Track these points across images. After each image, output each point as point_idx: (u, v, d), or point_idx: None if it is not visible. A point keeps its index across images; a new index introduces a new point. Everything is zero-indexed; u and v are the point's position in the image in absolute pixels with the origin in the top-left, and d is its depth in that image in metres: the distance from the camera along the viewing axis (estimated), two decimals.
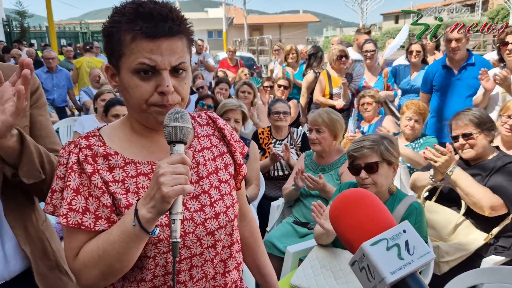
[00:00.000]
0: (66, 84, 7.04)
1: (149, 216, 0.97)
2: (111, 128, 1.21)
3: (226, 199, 1.22)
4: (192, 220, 1.14)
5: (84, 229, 1.06)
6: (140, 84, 1.07)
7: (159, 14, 1.04)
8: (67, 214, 1.06)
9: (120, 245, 1.02)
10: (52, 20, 13.54)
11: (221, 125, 1.32)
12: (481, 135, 2.61)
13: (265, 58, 22.97)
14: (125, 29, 1.05)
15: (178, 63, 1.08)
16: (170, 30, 1.04)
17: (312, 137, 3.12)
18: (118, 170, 1.12)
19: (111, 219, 1.08)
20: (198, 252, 1.16)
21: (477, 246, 2.48)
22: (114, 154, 1.13)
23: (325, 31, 51.88)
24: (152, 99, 1.08)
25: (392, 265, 0.67)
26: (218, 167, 1.25)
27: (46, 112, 1.52)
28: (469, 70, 4.08)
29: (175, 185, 0.95)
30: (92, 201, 1.08)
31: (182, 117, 1.02)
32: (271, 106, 4.06)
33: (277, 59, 8.02)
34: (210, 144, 1.27)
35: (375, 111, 4.43)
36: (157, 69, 1.06)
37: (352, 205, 0.76)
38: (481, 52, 15.11)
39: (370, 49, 5.26)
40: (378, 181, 2.22)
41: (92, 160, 1.10)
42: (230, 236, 1.24)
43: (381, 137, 2.28)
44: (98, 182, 1.08)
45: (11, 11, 31.29)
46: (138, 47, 1.04)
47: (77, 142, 1.13)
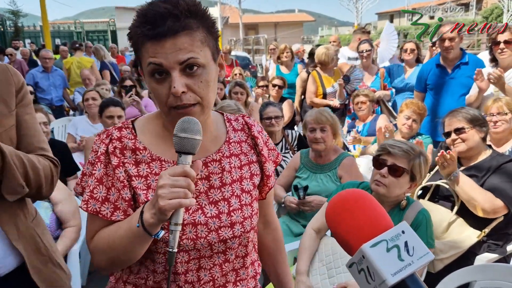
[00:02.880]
0: (62, 83, 7.02)
1: (151, 221, 0.97)
2: (145, 120, 1.21)
3: (245, 209, 1.19)
4: (206, 226, 1.13)
5: (101, 217, 1.10)
6: (157, 87, 1.06)
7: (160, 14, 1.01)
8: (88, 201, 1.10)
9: (126, 240, 1.04)
10: (46, 20, 13.43)
11: (255, 133, 1.28)
12: (472, 130, 2.64)
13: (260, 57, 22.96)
14: (135, 34, 1.05)
15: (186, 59, 1.02)
16: (170, 29, 1.00)
17: (317, 137, 3.07)
18: (143, 166, 1.13)
19: (128, 212, 1.11)
20: (208, 255, 1.15)
21: (470, 243, 2.50)
22: (142, 149, 1.13)
23: (320, 30, 51.98)
24: (169, 102, 1.06)
25: (392, 266, 0.66)
26: (243, 176, 1.22)
27: (32, 110, 1.51)
28: (463, 69, 4.11)
29: (172, 198, 0.93)
30: (114, 192, 1.11)
31: (191, 128, 0.98)
32: (262, 111, 3.93)
33: (273, 58, 8.03)
34: (240, 151, 1.24)
35: (369, 110, 4.46)
36: (166, 68, 1.03)
37: (350, 206, 0.75)
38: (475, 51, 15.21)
39: (366, 48, 5.29)
40: (392, 186, 2.17)
41: (119, 152, 1.12)
42: (245, 247, 1.23)
43: (420, 152, 2.22)
44: (121, 175, 1.10)
45: (4, 10, 31.11)
46: (146, 50, 1.03)
47: (110, 132, 1.15)
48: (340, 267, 2.22)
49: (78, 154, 4.24)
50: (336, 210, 0.77)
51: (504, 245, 2.55)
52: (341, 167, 3.05)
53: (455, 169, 2.52)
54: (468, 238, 2.51)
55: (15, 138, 1.42)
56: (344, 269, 2.19)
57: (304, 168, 3.20)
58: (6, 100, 1.37)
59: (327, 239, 2.36)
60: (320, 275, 2.27)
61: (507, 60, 3.67)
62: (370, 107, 4.45)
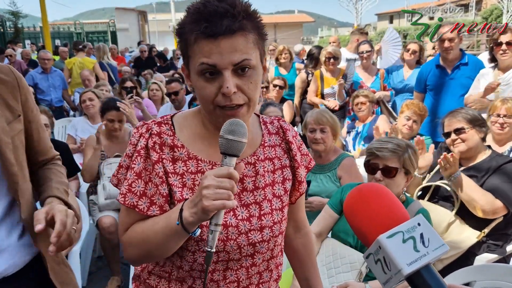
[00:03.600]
0: (61, 84, 7.02)
1: (190, 220, 0.98)
2: (183, 117, 1.21)
3: (275, 214, 1.20)
4: (237, 228, 1.13)
5: (137, 211, 1.12)
6: (205, 86, 1.06)
7: (218, 13, 1.01)
8: (126, 194, 1.12)
9: (162, 236, 1.06)
10: (46, 21, 13.45)
11: (290, 137, 1.28)
12: (472, 130, 2.65)
13: None
14: (189, 30, 1.04)
15: (241, 60, 1.03)
16: (228, 28, 1.00)
17: (317, 137, 3.08)
18: (180, 163, 1.13)
19: (164, 208, 1.12)
20: (236, 257, 1.16)
21: (470, 244, 2.50)
22: (180, 147, 1.14)
23: (320, 31, 52.04)
24: (217, 100, 1.06)
25: (408, 257, 0.69)
26: (275, 180, 1.23)
27: (38, 111, 1.53)
28: (462, 70, 4.13)
29: (216, 199, 0.94)
30: (151, 187, 1.11)
31: (239, 131, 0.98)
32: (262, 112, 3.89)
33: (272, 59, 8.04)
34: (274, 155, 1.25)
35: (369, 111, 4.46)
36: (218, 69, 1.03)
37: (368, 198, 0.78)
38: (475, 51, 15.24)
39: (366, 49, 5.31)
40: (390, 187, 2.15)
41: (159, 148, 1.13)
42: (271, 251, 1.24)
43: (406, 145, 2.23)
44: (160, 171, 1.11)
45: (4, 11, 31.12)
46: (200, 48, 1.03)
47: (150, 127, 1.15)
48: (339, 267, 2.22)
49: (78, 155, 4.24)
50: (355, 203, 0.79)
51: (503, 246, 2.56)
52: (341, 167, 3.05)
53: (457, 170, 2.53)
54: (468, 238, 2.51)
55: (24, 142, 1.44)
56: (344, 269, 2.20)
57: None
58: (11, 105, 1.38)
59: (328, 241, 2.36)
60: (320, 275, 2.27)
61: (508, 61, 3.69)
62: (370, 107, 4.46)
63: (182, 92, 5.31)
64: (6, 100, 1.37)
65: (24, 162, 1.42)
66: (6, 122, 1.35)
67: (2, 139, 1.31)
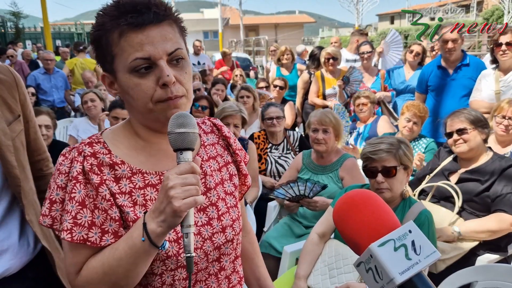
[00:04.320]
0: (63, 85, 7.03)
1: (159, 230, 0.91)
2: (113, 133, 1.12)
3: (232, 211, 1.17)
4: (200, 235, 1.08)
5: (89, 245, 1.00)
6: (140, 82, 0.99)
7: (141, 3, 0.98)
8: (72, 229, 0.98)
9: (127, 261, 0.96)
10: (47, 21, 13.47)
11: (226, 133, 1.26)
12: (475, 131, 2.65)
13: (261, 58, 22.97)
14: (111, 28, 0.98)
15: (174, 49, 1.00)
16: (156, 15, 0.98)
17: (319, 138, 3.08)
18: (125, 181, 1.04)
19: (119, 233, 1.01)
20: (204, 266, 1.11)
21: (472, 245, 2.51)
22: (120, 164, 1.05)
23: (321, 32, 52.01)
24: (156, 95, 1.00)
25: (400, 265, 0.68)
26: (223, 178, 1.19)
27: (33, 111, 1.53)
28: (464, 70, 4.12)
29: (186, 197, 0.88)
30: (98, 214, 1.00)
31: (188, 122, 0.94)
32: (263, 112, 3.96)
33: (273, 59, 8.04)
34: (216, 153, 1.21)
35: (370, 112, 4.47)
36: (153, 60, 0.98)
37: (357, 206, 0.76)
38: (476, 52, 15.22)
39: (366, 50, 5.31)
40: (394, 186, 2.18)
41: (98, 169, 1.02)
42: (235, 251, 1.20)
43: (398, 141, 2.24)
44: (106, 193, 1.01)
45: (5, 11, 31.15)
46: (128, 42, 0.98)
47: (81, 149, 1.04)
48: (341, 268, 2.23)
49: None
50: (344, 210, 0.78)
51: (505, 246, 2.56)
52: (343, 168, 3.06)
53: (451, 230, 2.51)
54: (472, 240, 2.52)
55: (25, 142, 1.45)
56: (345, 270, 2.20)
57: (306, 169, 3.21)
58: (11, 106, 1.39)
59: (331, 242, 2.37)
60: (322, 275, 2.28)
61: (508, 62, 3.68)
62: (371, 108, 4.46)
63: None
64: (5, 100, 1.37)
65: (25, 162, 1.43)
66: (6, 123, 1.35)
67: (2, 141, 1.31)
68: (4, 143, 1.31)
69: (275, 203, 3.42)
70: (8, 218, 1.37)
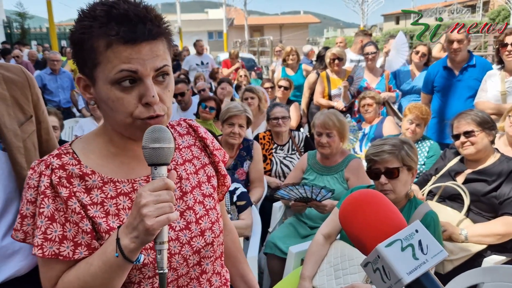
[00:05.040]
0: (69, 85, 7.07)
1: (132, 246, 0.90)
2: (84, 142, 1.09)
3: (211, 214, 1.15)
4: (178, 240, 1.07)
5: (62, 259, 0.98)
6: (122, 96, 0.95)
7: (136, 16, 0.93)
8: (42, 245, 0.97)
9: (102, 276, 0.95)
10: (52, 22, 13.56)
11: (203, 134, 1.23)
12: (482, 133, 2.64)
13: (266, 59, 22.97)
14: (98, 35, 0.93)
15: (162, 66, 0.97)
16: (150, 32, 0.94)
17: (323, 141, 3.07)
18: (96, 191, 1.02)
19: (92, 245, 1.00)
20: (184, 272, 1.10)
21: (481, 248, 2.50)
22: (91, 174, 1.03)
23: (325, 32, 51.95)
24: (137, 112, 0.96)
25: (408, 265, 0.68)
26: (200, 180, 1.17)
27: (46, 111, 1.54)
28: (470, 71, 4.10)
29: (159, 215, 0.87)
30: (70, 227, 0.99)
31: (163, 137, 0.91)
32: (269, 112, 3.96)
33: (279, 60, 8.05)
34: (192, 155, 1.18)
35: (375, 112, 4.46)
36: (140, 76, 0.95)
37: (363, 206, 0.77)
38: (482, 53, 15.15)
39: (371, 51, 5.30)
40: (398, 187, 2.18)
41: (67, 182, 1.00)
42: (215, 253, 1.18)
43: (401, 142, 2.24)
44: (76, 206, 0.99)
45: (11, 12, 31.34)
46: (116, 54, 0.93)
47: (48, 162, 1.01)
48: (347, 269, 2.23)
49: None
50: (350, 211, 0.78)
51: (511, 248, 2.55)
52: (348, 169, 3.05)
53: (457, 230, 2.50)
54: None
55: (37, 143, 1.45)
56: (351, 271, 2.20)
57: (311, 170, 3.21)
58: (24, 106, 1.40)
59: (336, 243, 2.37)
60: (327, 276, 2.28)
61: None
62: (376, 109, 4.46)
63: (189, 93, 5.33)
64: (17, 100, 1.38)
65: None
66: (18, 124, 1.35)
67: (13, 143, 1.32)
68: (14, 145, 1.32)
69: (280, 204, 3.42)
70: None
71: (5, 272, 1.33)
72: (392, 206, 0.77)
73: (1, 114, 1.31)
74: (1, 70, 1.38)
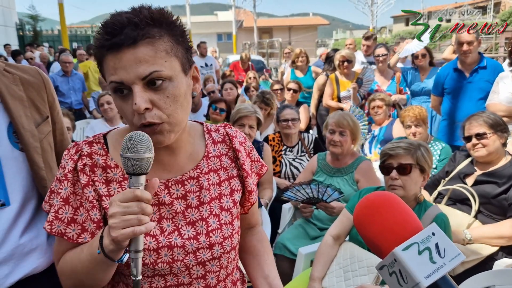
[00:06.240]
0: (81, 87, 7.14)
1: (110, 247, 0.90)
2: (117, 134, 1.11)
3: (225, 229, 1.11)
4: (183, 248, 1.05)
5: (66, 240, 1.03)
6: (122, 105, 0.97)
7: (119, 23, 0.91)
8: (52, 222, 1.03)
9: (88, 265, 0.98)
10: (64, 24, 13.74)
11: (237, 145, 1.19)
12: (494, 135, 2.63)
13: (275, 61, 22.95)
14: (97, 47, 0.96)
15: (148, 73, 0.92)
16: (127, 37, 0.90)
17: (335, 139, 3.08)
18: (114, 185, 1.04)
19: (95, 234, 1.02)
20: (186, 281, 1.08)
21: (492, 251, 2.48)
22: (114, 167, 1.05)
23: (335, 34, 51.78)
24: (134, 120, 0.96)
25: (425, 269, 0.67)
26: (222, 193, 1.14)
27: (61, 112, 1.57)
28: (481, 73, 4.07)
29: (124, 227, 0.85)
30: (82, 212, 1.03)
31: (138, 146, 0.87)
32: (279, 114, 3.96)
33: (288, 62, 8.06)
34: (220, 166, 1.15)
35: (385, 114, 4.45)
36: (126, 85, 0.93)
37: (379, 209, 0.76)
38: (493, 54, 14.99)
39: (382, 53, 5.29)
40: (407, 185, 2.18)
41: (90, 170, 1.04)
42: (225, 269, 1.15)
43: (418, 144, 2.26)
44: (90, 195, 1.02)
45: (24, 15, 31.71)
46: (107, 65, 0.95)
47: (80, 148, 1.06)
48: (356, 271, 2.23)
49: None
50: (365, 213, 0.77)
51: None
52: (358, 171, 3.05)
53: (462, 233, 2.49)
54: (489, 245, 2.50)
55: (53, 143, 1.48)
56: (360, 272, 2.20)
57: (321, 171, 3.22)
58: (40, 107, 1.42)
59: (346, 244, 2.37)
60: (336, 277, 2.29)
61: None
62: (386, 111, 4.45)
63: (198, 95, 5.35)
64: (34, 101, 1.40)
65: (53, 163, 1.46)
66: (35, 124, 1.38)
67: (30, 143, 1.34)
68: (32, 145, 1.35)
69: (289, 205, 3.43)
70: (37, 218, 1.41)
71: (23, 270, 1.36)
72: (408, 208, 0.77)
73: (19, 115, 1.34)
74: (18, 71, 1.41)
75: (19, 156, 1.34)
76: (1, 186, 1.30)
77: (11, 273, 1.33)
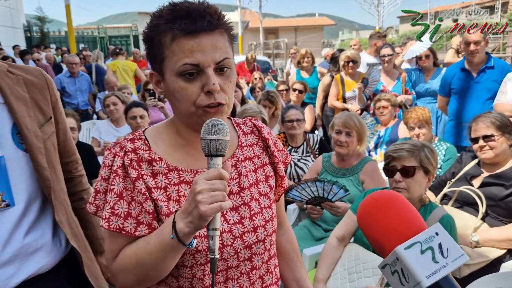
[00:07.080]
0: (87, 88, 7.18)
1: (186, 230, 0.96)
2: (156, 131, 1.18)
3: (265, 212, 1.18)
4: (231, 233, 1.11)
5: (124, 234, 1.07)
6: (186, 86, 1.04)
7: (196, 11, 1.02)
8: (109, 218, 1.07)
9: (157, 254, 1.02)
10: (71, 26, 13.82)
11: (266, 134, 1.28)
12: (502, 137, 2.60)
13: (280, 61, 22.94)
14: (164, 30, 1.02)
15: (222, 59, 1.04)
16: (209, 24, 1.01)
17: (341, 139, 3.07)
18: (161, 177, 1.10)
19: (152, 225, 1.08)
20: (234, 264, 1.13)
21: (500, 253, 2.46)
22: (158, 160, 1.11)
23: (341, 34, 51.72)
24: (199, 101, 1.04)
25: (427, 268, 0.67)
26: (258, 179, 1.22)
27: (63, 113, 1.58)
28: (488, 73, 4.04)
29: (212, 202, 0.92)
30: (135, 206, 1.07)
31: (220, 129, 0.97)
32: (284, 114, 3.95)
33: (294, 62, 8.04)
34: (253, 154, 1.24)
35: (391, 115, 4.43)
36: (201, 67, 1.02)
37: (383, 208, 0.76)
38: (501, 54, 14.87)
39: (387, 53, 5.27)
40: (411, 187, 2.17)
41: (136, 164, 1.09)
42: (269, 251, 1.21)
43: (422, 144, 2.24)
44: (142, 188, 1.07)
45: (31, 16, 31.98)
46: (179, 47, 1.01)
47: (123, 145, 1.12)
48: (361, 272, 2.22)
49: (101, 158, 4.33)
50: (369, 212, 0.77)
51: None
52: (363, 171, 3.04)
53: (468, 236, 2.46)
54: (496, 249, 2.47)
55: (56, 144, 1.49)
56: (365, 274, 2.19)
57: (326, 172, 3.20)
58: (43, 108, 1.43)
59: (350, 245, 2.36)
60: (341, 279, 2.27)
61: None
62: (392, 111, 4.43)
63: None
64: (37, 102, 1.41)
65: (56, 163, 1.47)
66: (38, 125, 1.39)
67: (34, 144, 1.35)
68: (35, 145, 1.35)
69: (294, 206, 3.42)
70: (41, 218, 1.41)
71: (28, 270, 1.36)
72: (411, 207, 0.77)
73: (22, 116, 1.34)
74: (22, 72, 1.41)
75: (23, 157, 1.35)
76: (5, 187, 1.31)
77: (16, 273, 1.33)
